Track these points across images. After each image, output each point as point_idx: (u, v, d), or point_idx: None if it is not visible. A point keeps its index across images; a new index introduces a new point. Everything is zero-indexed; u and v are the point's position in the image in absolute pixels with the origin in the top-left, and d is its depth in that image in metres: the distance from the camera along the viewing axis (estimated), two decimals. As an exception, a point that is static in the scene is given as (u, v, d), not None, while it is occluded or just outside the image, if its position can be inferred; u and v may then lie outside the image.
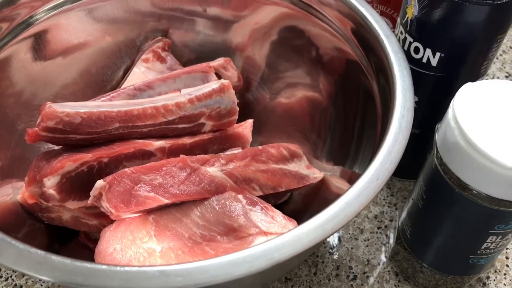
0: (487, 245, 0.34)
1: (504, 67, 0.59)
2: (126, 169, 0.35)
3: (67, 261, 0.24)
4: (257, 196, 0.38)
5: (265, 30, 0.48)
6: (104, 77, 0.48)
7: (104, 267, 0.24)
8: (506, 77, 0.58)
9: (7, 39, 0.40)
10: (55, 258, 0.24)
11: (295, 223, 0.35)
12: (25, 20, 0.41)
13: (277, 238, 0.25)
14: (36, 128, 0.35)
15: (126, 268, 0.24)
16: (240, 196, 0.36)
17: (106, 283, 0.24)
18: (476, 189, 0.31)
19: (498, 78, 0.58)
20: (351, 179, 0.37)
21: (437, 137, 0.33)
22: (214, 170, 0.37)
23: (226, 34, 0.50)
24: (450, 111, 0.31)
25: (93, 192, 0.34)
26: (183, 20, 0.49)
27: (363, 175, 0.28)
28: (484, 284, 0.41)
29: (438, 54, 0.36)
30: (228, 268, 0.24)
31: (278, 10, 0.45)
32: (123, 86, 0.44)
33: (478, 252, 0.35)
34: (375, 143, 0.34)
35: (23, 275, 0.41)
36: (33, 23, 0.41)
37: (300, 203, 0.43)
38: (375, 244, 0.43)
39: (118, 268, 0.24)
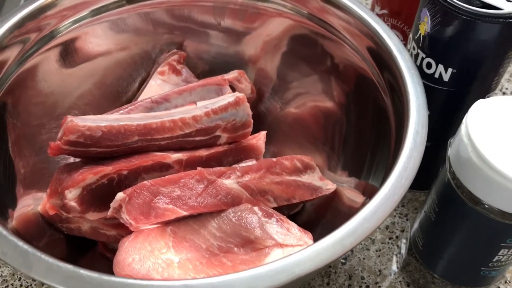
0: (498, 257, 0.35)
1: (512, 78, 0.60)
2: (145, 182, 0.36)
3: (94, 275, 0.25)
4: (271, 208, 0.39)
5: (277, 42, 0.49)
6: (120, 89, 0.49)
7: (130, 281, 0.25)
8: (514, 88, 0.59)
9: (33, 50, 0.41)
10: (84, 272, 0.25)
11: (310, 235, 0.36)
12: (49, 33, 0.42)
13: (297, 253, 0.26)
14: (58, 142, 0.36)
15: (152, 282, 0.25)
16: (256, 208, 0.37)
17: (133, 296, 0.25)
18: (488, 203, 0.31)
19: (506, 89, 0.59)
20: (365, 191, 0.38)
21: (450, 152, 0.34)
22: (230, 182, 0.38)
23: (239, 46, 0.50)
24: (463, 127, 0.32)
25: (113, 204, 0.35)
26: (197, 32, 0.50)
27: (379, 191, 0.29)
28: (495, 294, 0.42)
29: (450, 70, 0.37)
30: (251, 282, 0.25)
31: (291, 23, 0.46)
32: (140, 99, 0.45)
33: (490, 265, 0.35)
34: (389, 157, 0.35)
35: (43, 284, 0.42)
36: (56, 35, 0.43)
37: (312, 214, 0.44)
38: (387, 254, 0.44)
39: (144, 282, 0.25)
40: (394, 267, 0.43)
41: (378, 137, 0.39)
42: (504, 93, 0.58)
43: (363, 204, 0.36)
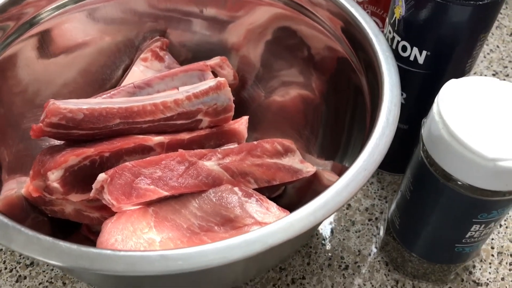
0: (471, 233, 0.36)
1: (491, 66, 0.61)
2: (127, 163, 0.36)
3: (74, 246, 0.26)
4: (252, 189, 0.39)
5: (260, 30, 0.49)
6: (104, 76, 0.50)
7: (108, 252, 0.26)
8: (493, 75, 0.60)
9: (13, 37, 0.41)
10: (63, 244, 0.26)
11: (289, 213, 0.37)
12: (30, 20, 0.42)
13: (271, 224, 0.27)
14: (41, 124, 0.36)
15: (130, 253, 0.26)
16: (236, 189, 0.38)
17: (111, 267, 0.25)
18: (459, 179, 0.32)
19: (485, 75, 0.60)
20: (341, 173, 0.39)
21: (423, 131, 0.35)
22: (211, 164, 0.39)
23: (222, 34, 0.51)
24: (434, 106, 0.33)
25: (95, 185, 0.36)
26: (180, 20, 0.50)
27: (352, 166, 0.30)
28: (470, 272, 0.43)
29: (424, 52, 0.38)
30: (226, 252, 0.26)
31: (272, 10, 0.47)
32: (122, 84, 0.46)
33: (463, 241, 0.36)
34: (364, 137, 0.35)
35: (27, 266, 0.43)
36: (37, 22, 0.43)
37: (293, 196, 0.45)
38: (366, 235, 0.45)
39: (122, 253, 0.26)
40: (373, 247, 0.44)
41: (354, 119, 0.40)
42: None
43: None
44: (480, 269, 0.43)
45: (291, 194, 0.45)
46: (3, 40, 0.40)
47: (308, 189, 0.44)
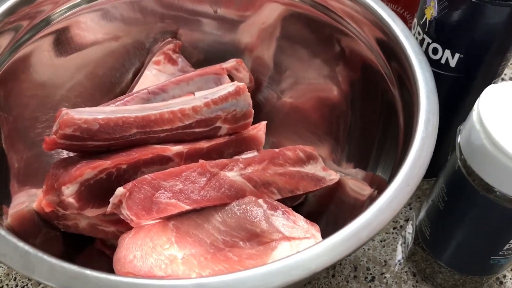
0: (509, 246, 0.34)
1: None
2: (146, 176, 0.35)
3: (101, 275, 0.24)
4: (275, 200, 0.38)
5: (274, 29, 0.47)
6: (113, 79, 0.47)
7: (139, 280, 0.24)
8: (513, 73, 0.58)
9: (25, 38, 0.39)
10: (89, 272, 0.24)
11: (317, 227, 0.35)
12: (42, 20, 0.40)
13: (312, 248, 0.25)
14: (54, 136, 0.34)
15: (163, 282, 0.24)
16: (260, 201, 0.36)
17: (142, 297, 0.23)
18: (501, 191, 0.31)
19: (505, 74, 0.58)
20: (372, 183, 0.37)
21: (460, 139, 0.33)
22: (233, 174, 0.37)
23: (234, 35, 0.49)
24: (474, 113, 0.31)
25: (113, 200, 0.34)
26: (191, 21, 0.48)
27: (393, 182, 0.28)
28: (501, 282, 0.41)
29: (457, 55, 0.36)
30: (266, 279, 0.24)
31: (293, 10, 0.45)
32: (135, 89, 0.43)
33: (500, 253, 0.35)
34: (398, 148, 0.34)
35: (39, 283, 0.41)
36: (49, 23, 0.41)
37: (315, 205, 0.43)
38: (392, 244, 0.43)
39: (154, 281, 0.24)
40: (400, 257, 0.43)
41: (385, 128, 0.38)
42: (502, 79, 0.57)
43: (371, 196, 0.36)
44: (511, 278, 0.42)
45: (312, 202, 0.44)
46: (15, 42, 0.38)
47: (331, 197, 0.42)
